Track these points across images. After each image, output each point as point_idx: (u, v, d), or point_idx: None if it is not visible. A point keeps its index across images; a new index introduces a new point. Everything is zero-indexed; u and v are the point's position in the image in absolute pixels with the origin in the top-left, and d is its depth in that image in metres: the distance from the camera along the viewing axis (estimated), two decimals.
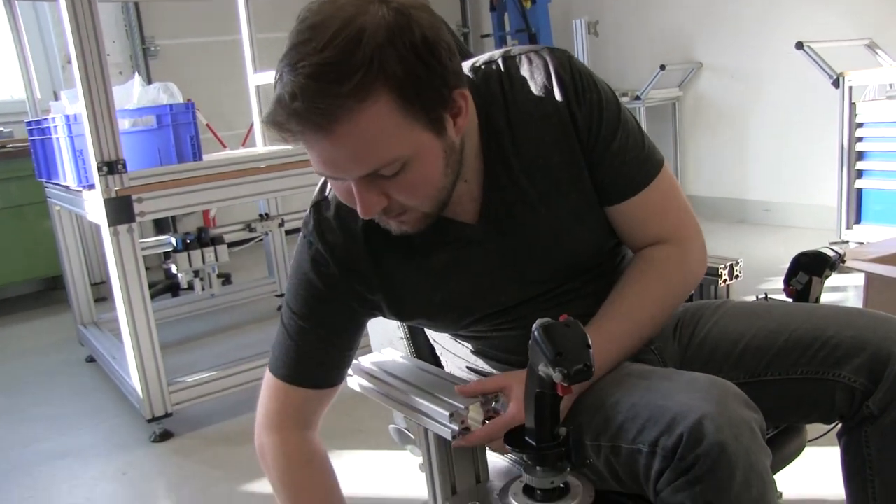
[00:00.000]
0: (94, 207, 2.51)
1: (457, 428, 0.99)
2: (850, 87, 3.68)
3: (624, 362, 1.12)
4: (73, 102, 2.57)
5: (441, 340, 1.32)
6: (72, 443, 2.64)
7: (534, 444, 0.89)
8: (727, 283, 1.62)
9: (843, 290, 3.36)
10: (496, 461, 1.24)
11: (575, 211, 1.13)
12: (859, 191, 3.73)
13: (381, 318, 1.26)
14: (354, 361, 1.21)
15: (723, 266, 1.59)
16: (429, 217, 1.06)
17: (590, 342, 0.84)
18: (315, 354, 1.17)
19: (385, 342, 1.36)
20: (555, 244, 1.14)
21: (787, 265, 1.41)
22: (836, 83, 3.70)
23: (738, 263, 1.61)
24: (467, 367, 1.28)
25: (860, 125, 3.67)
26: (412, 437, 1.33)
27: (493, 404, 1.03)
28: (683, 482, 0.91)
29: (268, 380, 1.20)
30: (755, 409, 0.97)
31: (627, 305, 1.14)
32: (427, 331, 1.34)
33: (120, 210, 2.39)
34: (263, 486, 2.20)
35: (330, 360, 1.18)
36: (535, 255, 1.14)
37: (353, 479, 2.22)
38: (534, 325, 0.85)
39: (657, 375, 1.05)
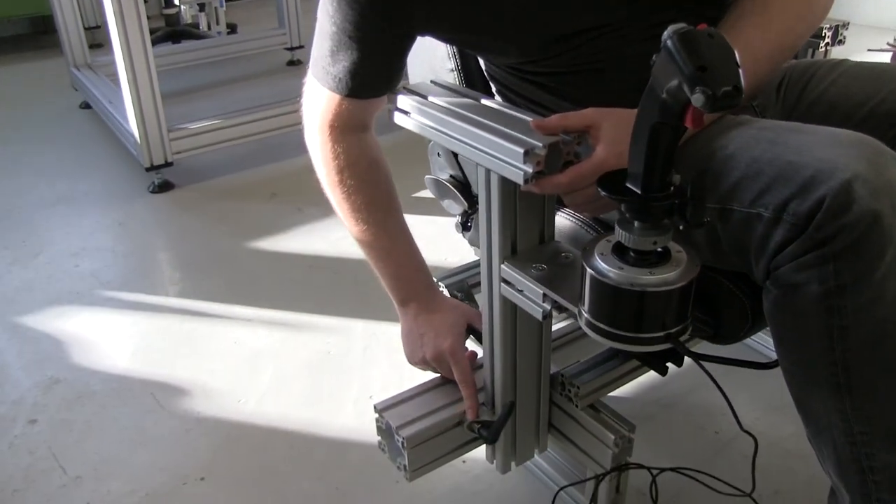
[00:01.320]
0: None
1: (531, 170, 0.78)
2: None
3: (727, 115, 0.90)
4: None
5: (500, 77, 1.08)
6: (66, 191, 2.47)
7: (637, 191, 0.69)
8: (828, 47, 1.39)
9: None
10: (562, 223, 1.05)
11: None
12: None
13: (426, 45, 1.03)
14: (395, 94, 0.99)
15: (826, 27, 1.35)
16: None
17: (738, 60, 0.61)
18: (356, 69, 0.95)
19: (430, 74, 1.13)
20: None
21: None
22: None
23: (845, 26, 1.37)
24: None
25: None
26: (453, 189, 1.14)
27: (575, 146, 0.81)
28: (814, 257, 0.73)
29: (310, 80, 1.02)
30: None
31: (745, 39, 0.90)
32: (483, 65, 1.11)
33: None
34: (270, 244, 2.07)
35: (374, 75, 0.98)
36: None
37: None
38: (665, 33, 0.62)
39: (783, 127, 0.83)
